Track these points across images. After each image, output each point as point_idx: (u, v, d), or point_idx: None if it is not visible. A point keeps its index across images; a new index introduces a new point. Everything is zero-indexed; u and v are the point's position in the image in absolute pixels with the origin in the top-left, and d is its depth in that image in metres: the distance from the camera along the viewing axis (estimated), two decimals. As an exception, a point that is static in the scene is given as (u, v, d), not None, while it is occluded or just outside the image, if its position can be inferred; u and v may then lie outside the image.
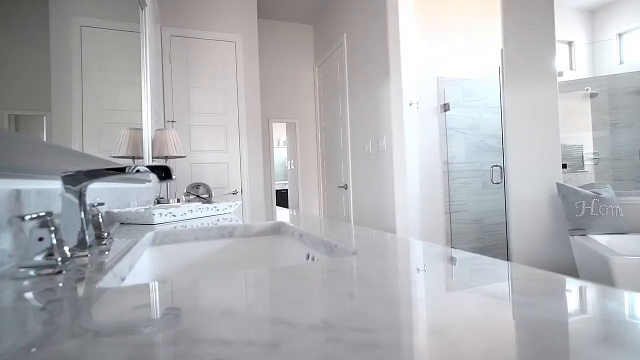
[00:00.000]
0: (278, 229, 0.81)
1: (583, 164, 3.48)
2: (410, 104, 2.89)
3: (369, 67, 2.89)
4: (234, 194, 3.18)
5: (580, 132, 3.52)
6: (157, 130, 1.91)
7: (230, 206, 1.13)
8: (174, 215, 0.88)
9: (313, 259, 0.59)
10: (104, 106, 1.47)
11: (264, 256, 0.78)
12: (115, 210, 0.87)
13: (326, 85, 3.81)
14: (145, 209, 0.97)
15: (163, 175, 0.52)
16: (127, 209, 0.92)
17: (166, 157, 1.93)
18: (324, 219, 0.85)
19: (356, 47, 3.10)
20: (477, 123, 3.47)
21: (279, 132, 6.06)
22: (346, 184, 3.34)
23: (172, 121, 3.01)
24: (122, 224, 0.88)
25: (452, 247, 2.59)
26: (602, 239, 2.03)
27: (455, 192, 3.37)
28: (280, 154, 6.20)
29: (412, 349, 0.19)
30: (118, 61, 1.67)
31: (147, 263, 0.65)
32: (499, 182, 2.78)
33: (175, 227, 0.80)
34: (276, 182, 5.61)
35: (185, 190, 1.27)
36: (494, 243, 3.42)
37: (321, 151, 4.02)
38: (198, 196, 1.15)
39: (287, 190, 4.85)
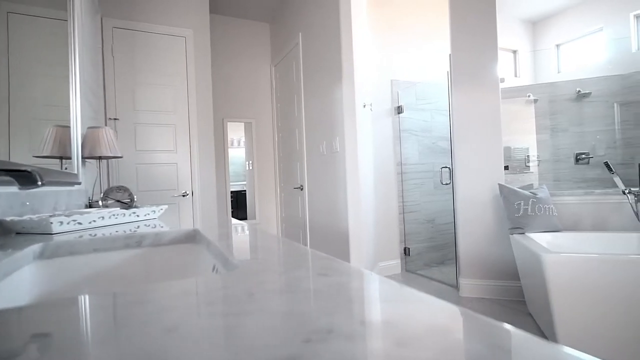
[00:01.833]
0: (194, 237, 0.75)
1: (529, 166, 3.69)
2: (364, 106, 2.91)
3: (324, 67, 2.88)
4: (183, 196, 3.04)
5: (525, 136, 3.73)
6: (88, 128, 1.76)
7: (154, 211, 1.05)
8: (79, 224, 0.79)
9: (217, 271, 0.54)
10: (36, 101, 1.33)
11: (176, 267, 0.72)
12: (9, 219, 0.76)
13: (283, 85, 3.75)
14: (46, 216, 0.86)
15: (30, 181, 0.45)
16: (26, 217, 0.82)
17: (99, 158, 1.78)
18: (249, 228, 0.80)
19: (311, 48, 3.08)
20: (429, 125, 3.57)
21: (239, 132, 5.92)
22: (302, 185, 3.31)
23: (115, 119, 2.82)
24: (17, 233, 0.78)
25: (407, 246, 2.61)
26: (537, 237, 2.15)
27: (408, 193, 3.44)
28: (240, 154, 6.06)
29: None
30: (52, 53, 1.52)
31: (27, 281, 0.57)
32: (448, 183, 2.87)
33: (81, 237, 0.72)
34: (236, 183, 5.48)
35: (102, 194, 1.16)
36: (445, 242, 3.54)
37: (278, 152, 3.96)
38: (118, 201, 1.06)
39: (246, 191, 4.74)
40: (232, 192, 5.05)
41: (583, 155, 3.53)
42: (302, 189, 3.31)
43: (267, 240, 0.57)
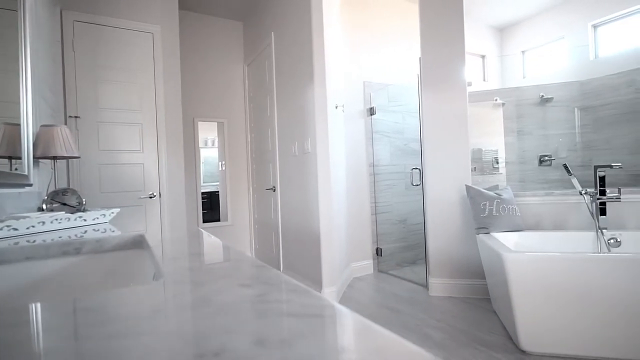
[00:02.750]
0: (140, 243, 0.72)
1: (497, 167, 3.81)
2: (336, 107, 2.91)
3: (296, 68, 2.86)
4: (150, 197, 2.93)
5: (494, 138, 3.85)
6: (42, 126, 1.66)
7: (104, 215, 0.99)
8: (14, 229, 0.74)
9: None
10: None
11: (117, 276, 0.68)
12: None
13: (255, 84, 3.70)
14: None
15: None
16: (-44, 222, 0.75)
17: (54, 158, 1.69)
18: (203, 233, 0.77)
19: (284, 48, 3.05)
20: (401, 127, 3.62)
21: (213, 131, 5.80)
22: (274, 186, 3.27)
23: (76, 117, 2.69)
24: (-56, 241, 0.72)
25: (379, 247, 2.63)
26: (501, 237, 2.22)
27: (381, 194, 3.47)
28: (215, 154, 5.94)
29: None
30: (4, 46, 1.43)
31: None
32: (419, 184, 2.92)
33: (17, 244, 0.66)
34: (211, 184, 5.36)
35: (46, 198, 1.09)
36: (416, 242, 3.60)
37: (251, 152, 3.90)
38: (65, 204, 1.00)
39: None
40: (206, 193, 4.94)
41: (546, 158, 3.68)
42: (274, 190, 3.28)
43: (210, 247, 0.54)
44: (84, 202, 1.01)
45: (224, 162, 3.89)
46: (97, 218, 0.96)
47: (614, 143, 3.43)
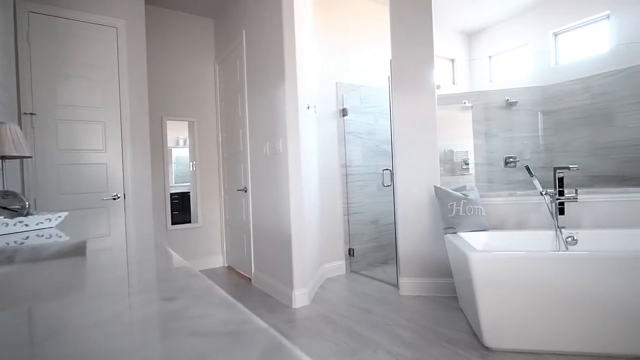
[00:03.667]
0: (83, 250, 0.67)
1: (467, 168, 3.92)
2: (308, 108, 2.90)
3: (267, 67, 2.82)
4: (114, 199, 2.81)
5: (464, 140, 3.96)
6: (-12, 123, 1.54)
7: (49, 219, 0.93)
8: (-60, 237, 0.67)
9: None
10: None
11: (51, 287, 0.63)
12: None
13: (227, 83, 3.63)
14: None
15: None
16: None
17: (2, 157, 1.58)
18: (151, 238, 0.73)
19: (255, 47, 3.00)
20: (373, 128, 3.65)
21: (185, 131, 5.65)
22: (246, 187, 3.22)
23: (31, 114, 2.53)
24: None
25: (351, 247, 2.63)
26: (467, 236, 2.27)
27: (353, 194, 3.49)
28: (186, 154, 5.77)
29: None
30: None
31: None
32: (389, 185, 2.95)
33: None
34: (183, 184, 5.20)
35: (-18, 201, 1.01)
36: (387, 242, 3.64)
37: (222, 152, 3.82)
38: (5, 208, 0.92)
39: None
40: (177, 193, 4.80)
41: (511, 159, 3.82)
42: (246, 191, 3.22)
43: (153, 255, 0.51)
44: (28, 206, 0.94)
45: (194, 163, 3.79)
46: (42, 223, 0.90)
47: (572, 146, 3.61)
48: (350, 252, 3.41)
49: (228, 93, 3.60)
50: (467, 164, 3.81)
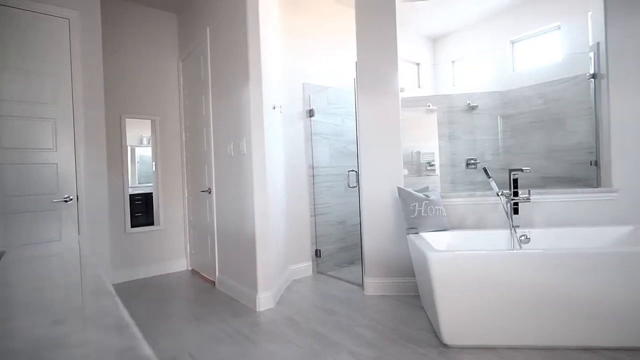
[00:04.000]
0: None
1: (432, 169, 4.03)
2: (274, 108, 2.86)
3: (231, 66, 2.76)
4: (66, 201, 2.64)
5: (430, 142, 4.08)
6: None
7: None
8: None
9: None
10: None
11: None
12: None
13: (191, 81, 3.52)
14: None
15: None
16: None
17: None
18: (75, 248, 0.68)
19: (219, 44, 2.93)
20: (340, 130, 3.67)
21: (149, 129, 5.43)
22: (210, 188, 3.13)
23: (-30, 109, 2.33)
24: None
25: (318, 248, 2.61)
26: (428, 236, 2.33)
27: (320, 195, 3.49)
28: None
29: None
30: None
31: None
32: (355, 185, 2.97)
33: None
34: (147, 185, 4.98)
35: None
36: (354, 242, 3.67)
37: (186, 152, 3.70)
38: None
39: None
40: (141, 194, 4.58)
41: (472, 161, 3.97)
42: (210, 192, 3.13)
43: (69, 265, 0.47)
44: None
45: (156, 162, 3.64)
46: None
47: (528, 148, 3.80)
48: (317, 253, 3.40)
49: (192, 91, 3.49)
50: (431, 165, 3.91)
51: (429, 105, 4.02)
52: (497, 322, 1.81)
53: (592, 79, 2.67)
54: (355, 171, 2.95)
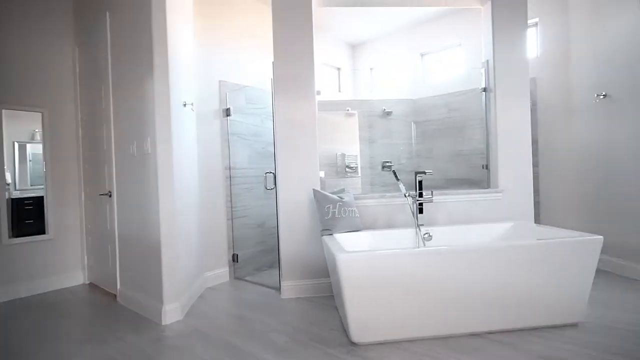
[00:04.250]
0: None
1: (355, 171, 4.16)
2: (185, 105, 2.68)
3: (134, 56, 2.50)
4: None
5: (354, 144, 4.21)
6: None
7: None
8: None
9: None
10: None
11: None
12: None
13: (88, 70, 3.13)
14: None
15: None
16: None
17: None
18: None
19: (121, 32, 2.64)
20: (260, 130, 3.59)
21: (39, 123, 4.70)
22: (110, 191, 2.81)
23: None
24: None
25: (235, 253, 2.47)
26: (341, 237, 2.38)
27: (238, 198, 3.36)
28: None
29: None
30: None
31: None
32: (273, 187, 2.92)
33: None
34: (38, 187, 4.27)
35: None
36: (274, 245, 3.60)
37: (83, 151, 3.28)
38: None
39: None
40: (33, 198, 3.92)
41: (387, 163, 4.19)
42: (110, 196, 2.81)
43: None
44: None
45: (46, 161, 3.16)
46: None
47: (435, 152, 4.14)
48: (235, 258, 3.27)
49: (90, 82, 3.10)
50: (351, 167, 4.04)
51: (348, 110, 4.15)
52: (401, 318, 1.91)
53: (484, 92, 3.00)
54: (273, 173, 2.90)
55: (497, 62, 2.86)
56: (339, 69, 4.67)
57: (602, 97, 3.02)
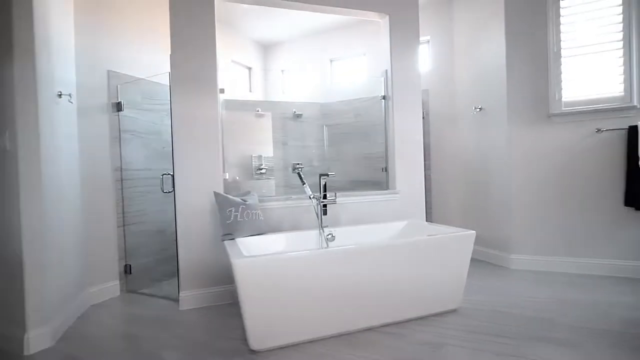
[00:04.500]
0: None
1: (267, 172, 4.07)
2: (60, 95, 2.32)
3: (-12, 33, 2.07)
4: None
5: (266, 146, 4.12)
6: None
7: None
8: None
9: None
10: None
11: None
12: None
13: None
14: None
15: None
16: None
17: None
18: None
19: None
20: (159, 128, 3.29)
21: None
22: (-45, 197, 2.27)
23: None
24: None
25: (128, 263, 2.18)
26: (243, 241, 2.30)
27: (132, 202, 3.03)
28: None
29: None
30: None
31: None
32: (171, 190, 2.70)
33: None
34: None
35: None
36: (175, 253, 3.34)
37: None
38: None
39: None
40: None
41: (297, 166, 4.22)
42: (-45, 203, 2.27)
43: None
44: None
45: None
46: None
47: (343, 155, 4.31)
48: (127, 269, 2.94)
49: None
50: (261, 169, 3.97)
51: (258, 110, 4.07)
52: (300, 320, 1.91)
53: (383, 100, 3.21)
54: (171, 174, 2.68)
55: (394, 73, 3.08)
56: (250, 68, 4.56)
57: (478, 109, 3.47)
